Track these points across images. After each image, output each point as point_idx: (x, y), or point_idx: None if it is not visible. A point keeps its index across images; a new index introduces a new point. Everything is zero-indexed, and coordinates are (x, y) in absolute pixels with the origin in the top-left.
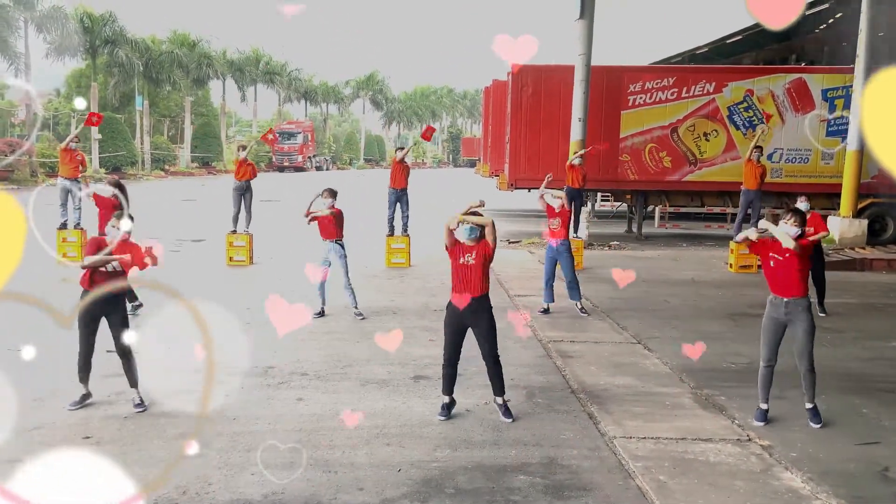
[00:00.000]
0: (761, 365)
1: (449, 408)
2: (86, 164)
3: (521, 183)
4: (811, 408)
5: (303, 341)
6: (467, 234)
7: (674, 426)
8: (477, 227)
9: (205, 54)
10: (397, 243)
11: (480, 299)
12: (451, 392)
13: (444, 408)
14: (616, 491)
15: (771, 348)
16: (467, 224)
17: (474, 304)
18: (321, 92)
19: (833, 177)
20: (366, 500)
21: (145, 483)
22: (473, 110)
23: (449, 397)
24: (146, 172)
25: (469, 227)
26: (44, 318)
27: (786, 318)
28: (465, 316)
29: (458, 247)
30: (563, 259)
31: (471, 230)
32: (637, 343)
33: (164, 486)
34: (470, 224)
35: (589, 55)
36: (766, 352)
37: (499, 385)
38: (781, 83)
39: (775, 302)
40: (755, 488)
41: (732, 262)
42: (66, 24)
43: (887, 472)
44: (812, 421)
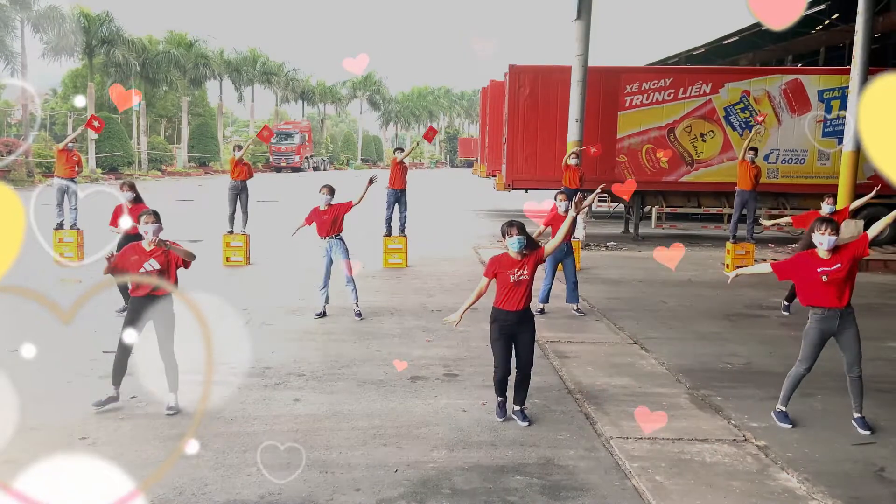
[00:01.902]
0: (802, 370)
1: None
2: (82, 165)
3: (518, 183)
4: (859, 417)
5: (300, 342)
6: (517, 248)
7: (670, 426)
8: (522, 237)
9: (202, 54)
10: (394, 244)
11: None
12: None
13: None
14: (612, 491)
15: (815, 357)
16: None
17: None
18: (318, 92)
19: (829, 177)
20: (362, 500)
21: (142, 483)
22: (471, 111)
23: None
24: (143, 173)
25: (518, 238)
26: (39, 318)
27: (837, 328)
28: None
29: (503, 265)
30: (569, 260)
31: (518, 242)
32: (634, 343)
33: (161, 486)
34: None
35: (586, 56)
36: (811, 361)
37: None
38: (778, 84)
39: (827, 314)
40: (751, 489)
41: (729, 263)
42: (63, 23)
43: (883, 473)
44: (862, 428)
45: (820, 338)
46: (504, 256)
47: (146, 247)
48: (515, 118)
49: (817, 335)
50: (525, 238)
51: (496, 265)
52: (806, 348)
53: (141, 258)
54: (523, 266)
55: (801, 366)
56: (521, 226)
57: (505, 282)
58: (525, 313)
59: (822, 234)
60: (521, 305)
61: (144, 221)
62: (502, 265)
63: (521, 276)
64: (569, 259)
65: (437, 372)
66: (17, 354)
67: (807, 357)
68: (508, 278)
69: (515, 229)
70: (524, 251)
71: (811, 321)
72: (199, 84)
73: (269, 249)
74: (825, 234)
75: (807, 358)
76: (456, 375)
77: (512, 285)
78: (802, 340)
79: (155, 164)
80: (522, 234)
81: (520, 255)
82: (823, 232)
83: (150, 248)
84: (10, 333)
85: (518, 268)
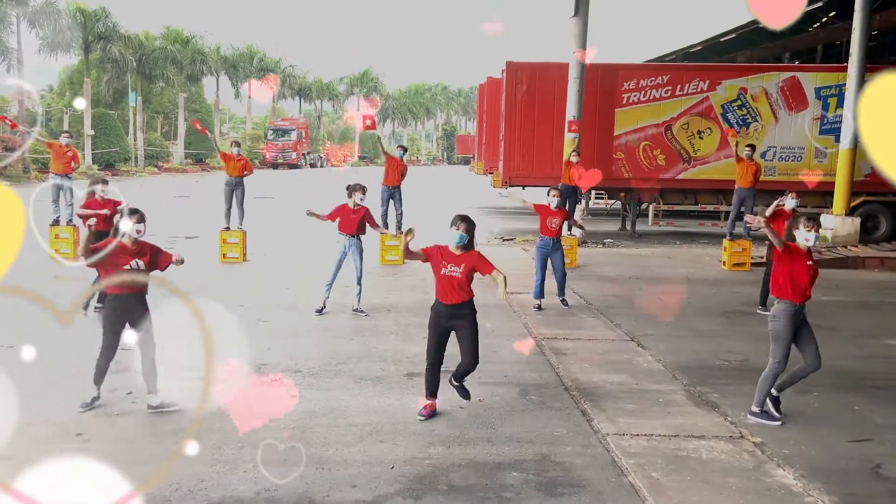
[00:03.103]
0: (777, 366)
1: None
2: (78, 161)
3: (515, 180)
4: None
5: (296, 339)
6: (455, 242)
7: (667, 423)
8: (465, 235)
9: (198, 50)
10: (391, 241)
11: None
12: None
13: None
14: (609, 488)
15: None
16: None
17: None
18: (315, 89)
19: (826, 175)
20: (359, 497)
21: (137, 480)
22: (468, 108)
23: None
24: (139, 169)
25: (460, 233)
26: (34, 314)
27: (801, 323)
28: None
29: (439, 254)
30: (558, 255)
31: (460, 237)
32: (630, 340)
33: (157, 483)
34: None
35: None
36: (786, 355)
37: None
38: (775, 81)
39: (796, 308)
40: (747, 485)
41: (726, 260)
42: (59, 19)
43: (879, 469)
44: (777, 411)
45: (793, 331)
46: (446, 248)
47: (128, 244)
48: (513, 115)
49: (790, 329)
50: (468, 238)
51: (436, 250)
52: (783, 348)
53: (126, 256)
54: (460, 263)
55: (780, 365)
56: (471, 223)
57: (437, 271)
58: (458, 309)
59: (808, 231)
60: (455, 300)
61: (137, 220)
62: (442, 254)
63: (453, 272)
64: (556, 254)
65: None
66: (12, 351)
67: (784, 351)
68: (440, 269)
69: (463, 224)
70: (463, 249)
71: (782, 318)
72: (196, 80)
73: (265, 246)
74: (811, 230)
75: (783, 351)
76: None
77: (442, 277)
78: (773, 342)
79: (151, 160)
80: (469, 232)
81: (458, 249)
82: (810, 229)
83: (134, 247)
84: (6, 329)
85: (452, 263)
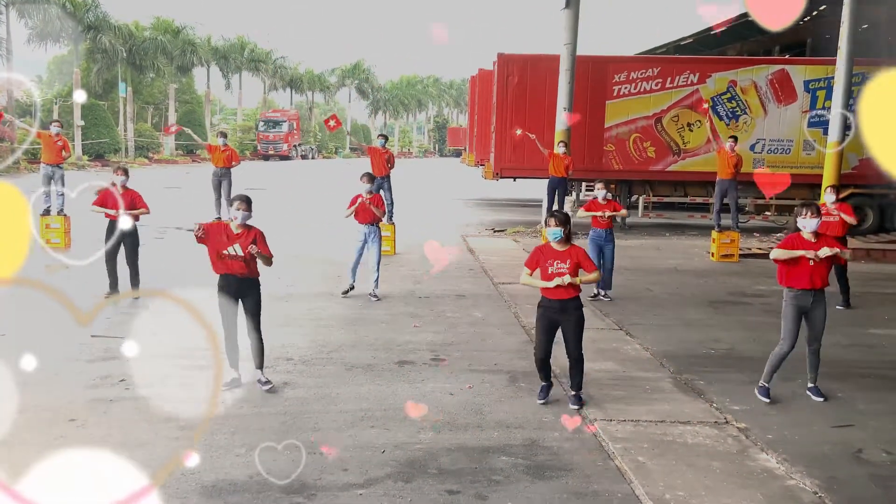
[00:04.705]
0: (786, 349)
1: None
2: (69, 150)
3: (506, 172)
4: (814, 387)
5: (288, 327)
6: (553, 237)
7: (653, 409)
8: (559, 229)
9: (189, 41)
10: (383, 231)
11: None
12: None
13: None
14: (596, 471)
15: (796, 334)
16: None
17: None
18: (307, 80)
19: (815, 167)
20: (350, 480)
21: (131, 465)
22: (460, 100)
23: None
24: (130, 160)
25: (554, 230)
26: (30, 302)
27: (810, 307)
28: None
29: (543, 257)
30: (609, 247)
31: (555, 233)
32: (619, 329)
33: (150, 467)
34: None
35: (574, 45)
36: (792, 338)
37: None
38: (764, 74)
39: (803, 294)
40: (731, 469)
41: (714, 252)
42: (49, 9)
43: (861, 454)
44: (816, 396)
45: (797, 315)
46: (545, 246)
47: (234, 230)
48: (504, 107)
49: (794, 312)
50: (564, 230)
51: (537, 254)
52: (784, 329)
53: (228, 240)
54: (565, 259)
55: (784, 344)
56: (562, 217)
57: (545, 272)
58: (566, 304)
59: (804, 218)
60: (564, 295)
61: (236, 207)
62: (543, 254)
63: (559, 269)
64: (608, 246)
65: (424, 357)
66: (3, 338)
67: (789, 333)
68: (547, 269)
69: (553, 220)
70: (563, 243)
71: (785, 301)
72: (187, 71)
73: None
74: (807, 217)
75: (789, 334)
76: (443, 360)
77: (550, 276)
78: (782, 321)
79: (142, 151)
80: (563, 224)
81: (559, 245)
82: (805, 215)
83: (238, 233)
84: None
85: (558, 259)
